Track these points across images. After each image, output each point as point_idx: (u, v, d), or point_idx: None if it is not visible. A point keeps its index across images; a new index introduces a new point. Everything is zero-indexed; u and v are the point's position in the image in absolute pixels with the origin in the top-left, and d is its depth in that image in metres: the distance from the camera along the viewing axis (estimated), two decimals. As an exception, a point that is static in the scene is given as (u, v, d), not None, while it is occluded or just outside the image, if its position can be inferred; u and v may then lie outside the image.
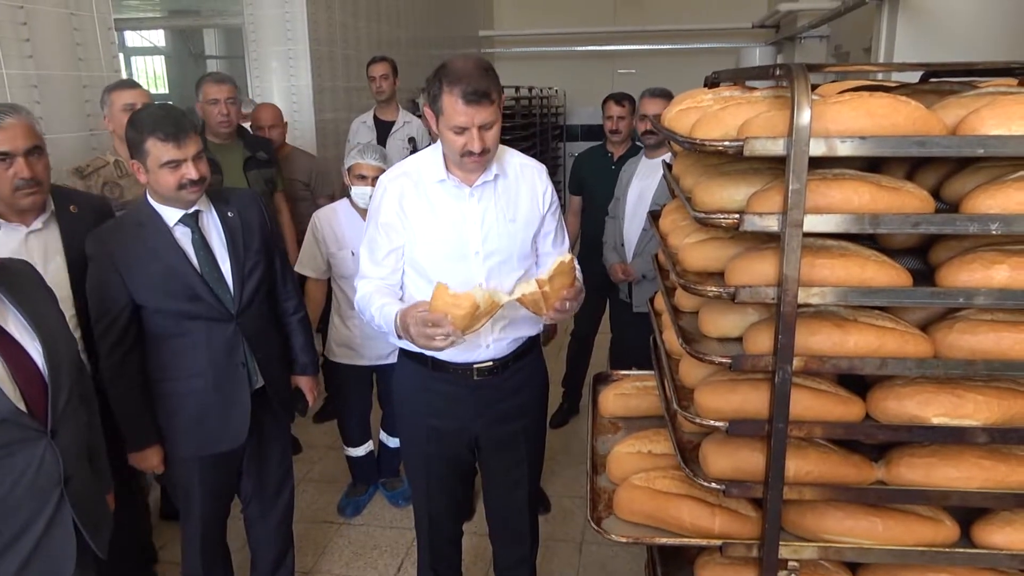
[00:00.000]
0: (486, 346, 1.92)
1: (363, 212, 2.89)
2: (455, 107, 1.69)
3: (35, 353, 1.48)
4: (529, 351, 2.04)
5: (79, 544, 1.53)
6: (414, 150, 4.23)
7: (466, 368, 1.94)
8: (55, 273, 2.09)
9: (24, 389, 1.44)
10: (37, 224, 2.05)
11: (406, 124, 4.33)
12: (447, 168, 1.86)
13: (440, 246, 1.86)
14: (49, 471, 1.47)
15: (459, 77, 1.68)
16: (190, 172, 1.90)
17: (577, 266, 1.78)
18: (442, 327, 1.59)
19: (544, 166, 2.04)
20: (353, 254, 2.86)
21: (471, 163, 1.79)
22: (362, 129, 4.33)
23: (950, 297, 1.19)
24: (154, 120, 1.88)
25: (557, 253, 2.07)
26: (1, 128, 1.89)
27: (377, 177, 2.78)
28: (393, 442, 3.20)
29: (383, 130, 4.29)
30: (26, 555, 1.45)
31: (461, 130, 1.72)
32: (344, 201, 2.96)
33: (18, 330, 1.47)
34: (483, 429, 2.01)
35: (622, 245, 3.27)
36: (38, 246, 2.06)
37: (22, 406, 1.43)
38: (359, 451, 3.19)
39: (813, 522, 1.34)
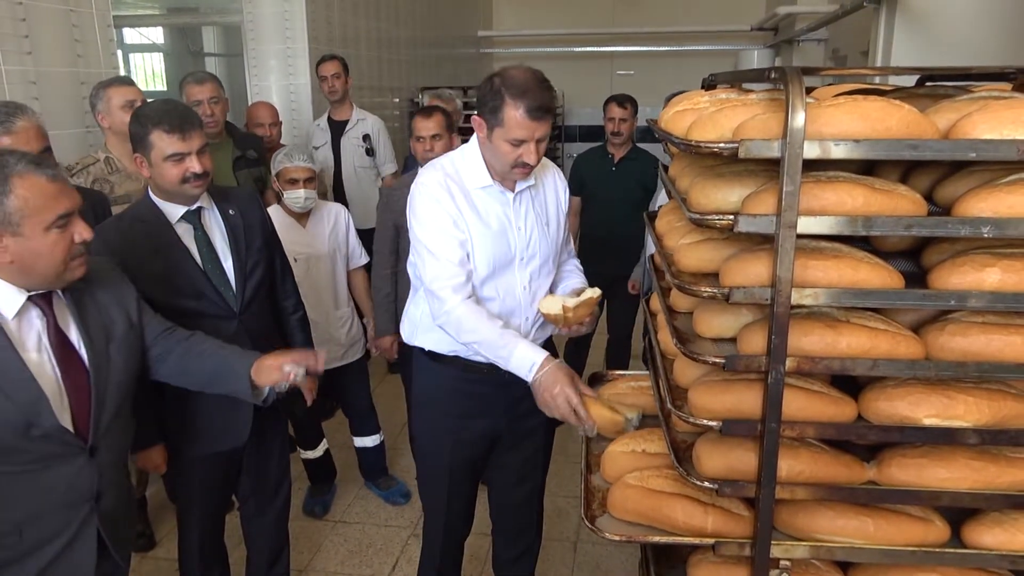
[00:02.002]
0: None
1: (298, 216, 2.89)
2: (518, 121, 1.69)
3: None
4: (547, 344, 2.06)
5: (99, 554, 1.51)
6: (369, 148, 4.17)
7: (498, 367, 1.91)
8: None
9: (73, 401, 1.42)
10: None
11: (360, 122, 4.20)
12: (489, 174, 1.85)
13: (490, 252, 1.84)
14: (82, 487, 1.45)
15: (524, 91, 1.69)
16: (194, 166, 1.88)
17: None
18: (588, 426, 1.69)
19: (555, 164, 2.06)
20: (295, 260, 2.81)
21: (520, 173, 1.80)
22: (317, 132, 4.24)
23: (942, 299, 1.21)
24: (160, 113, 1.87)
25: (567, 254, 2.11)
26: (13, 132, 1.85)
27: (308, 179, 2.80)
28: (371, 441, 3.20)
29: (337, 130, 4.19)
30: (46, 563, 1.43)
31: (519, 142, 1.73)
32: (276, 208, 2.92)
33: (79, 340, 1.45)
34: (509, 425, 2.02)
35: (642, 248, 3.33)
36: None
37: (68, 419, 1.41)
38: (317, 452, 3.17)
39: (805, 521, 1.35)
